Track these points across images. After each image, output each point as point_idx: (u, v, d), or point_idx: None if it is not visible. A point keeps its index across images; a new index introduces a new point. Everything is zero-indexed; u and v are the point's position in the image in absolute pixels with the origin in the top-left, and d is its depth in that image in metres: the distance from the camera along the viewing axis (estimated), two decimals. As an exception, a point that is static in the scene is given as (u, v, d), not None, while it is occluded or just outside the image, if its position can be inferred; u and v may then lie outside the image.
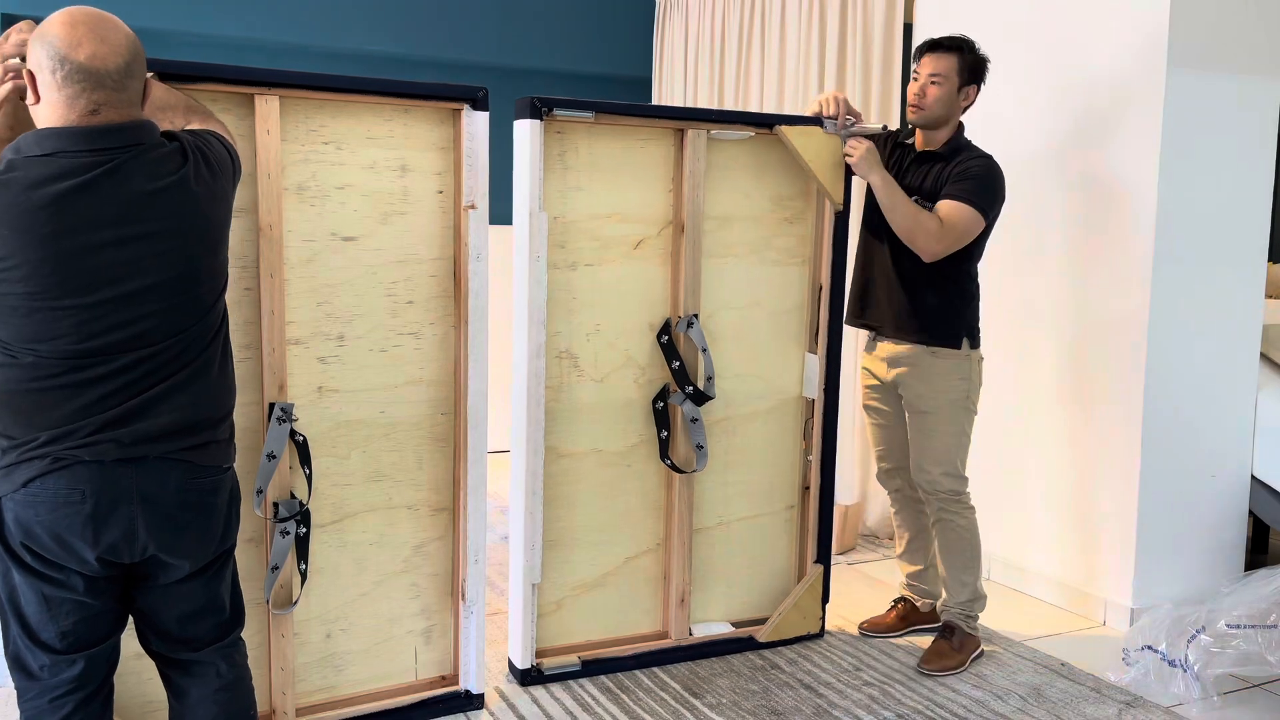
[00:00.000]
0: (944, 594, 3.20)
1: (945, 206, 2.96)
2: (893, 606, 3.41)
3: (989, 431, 3.93)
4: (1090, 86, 3.53)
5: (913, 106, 3.06)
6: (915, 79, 3.07)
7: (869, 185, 3.05)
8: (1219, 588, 3.33)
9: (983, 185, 2.98)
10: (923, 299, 3.07)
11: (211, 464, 1.89)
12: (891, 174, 3.07)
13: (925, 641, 3.25)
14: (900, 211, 2.97)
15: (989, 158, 3.05)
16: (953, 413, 3.07)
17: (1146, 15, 3.33)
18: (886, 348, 3.16)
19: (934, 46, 3.05)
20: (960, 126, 3.11)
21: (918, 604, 3.38)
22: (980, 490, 3.96)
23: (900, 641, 3.30)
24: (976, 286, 3.14)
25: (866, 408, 3.31)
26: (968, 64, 3.04)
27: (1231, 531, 3.63)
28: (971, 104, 3.11)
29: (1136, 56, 3.37)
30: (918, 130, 3.13)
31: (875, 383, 3.23)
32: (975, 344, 3.11)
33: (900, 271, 3.09)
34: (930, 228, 2.94)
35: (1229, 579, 3.46)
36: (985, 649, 3.23)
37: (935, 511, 3.15)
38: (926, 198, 3.04)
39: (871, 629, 3.36)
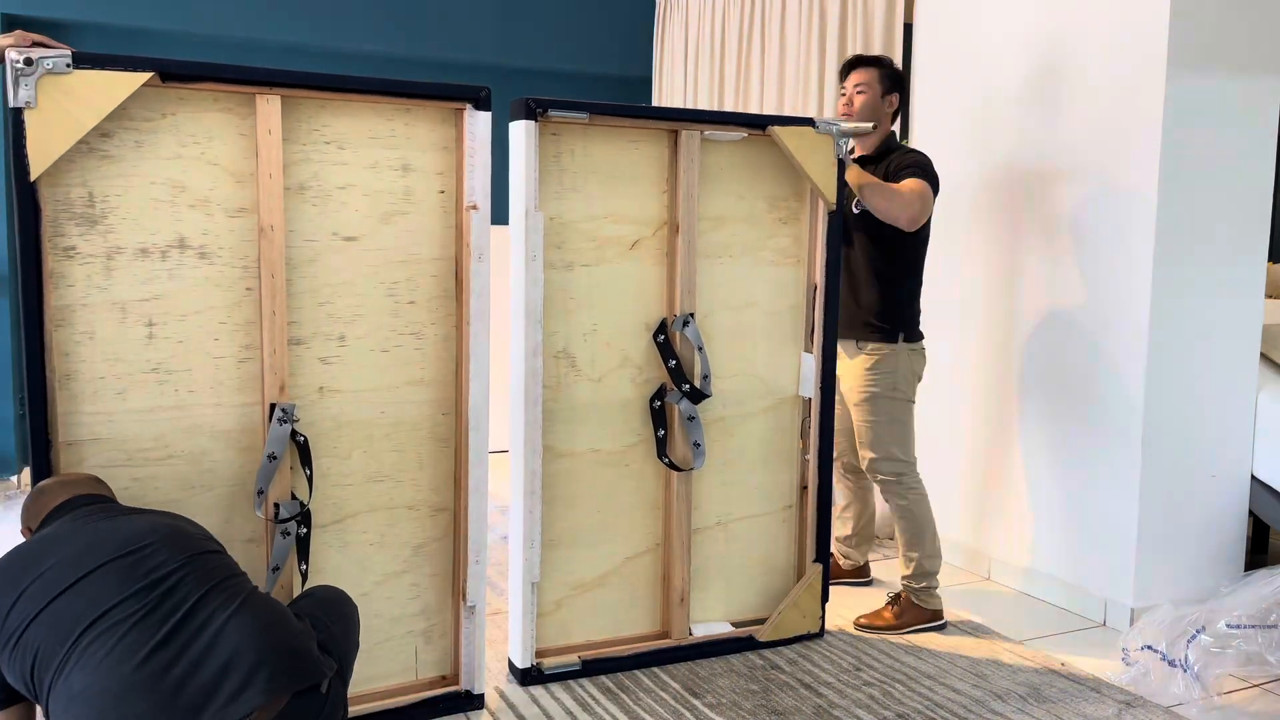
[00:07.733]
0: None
1: (904, 184, 3.25)
2: None
3: (989, 431, 3.94)
4: (1090, 86, 3.53)
5: (843, 114, 3.40)
6: (843, 94, 3.43)
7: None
8: (1219, 588, 3.33)
9: (924, 169, 3.29)
10: (866, 296, 3.37)
11: None
12: None
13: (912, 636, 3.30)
14: (877, 192, 3.22)
15: (921, 153, 3.37)
16: (880, 404, 3.35)
17: (1146, 16, 3.34)
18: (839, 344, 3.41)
19: (857, 62, 3.44)
20: (891, 134, 3.44)
21: (841, 563, 3.81)
22: (979, 490, 3.98)
23: (900, 641, 3.31)
24: (917, 284, 3.42)
25: None
26: (887, 74, 3.41)
27: (1231, 531, 3.63)
28: (896, 110, 3.45)
29: (1136, 57, 3.37)
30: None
31: None
32: (912, 338, 3.39)
33: (851, 270, 3.40)
34: (906, 196, 3.22)
35: (1229, 579, 3.46)
36: (998, 649, 3.24)
37: (881, 493, 3.46)
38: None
39: None
